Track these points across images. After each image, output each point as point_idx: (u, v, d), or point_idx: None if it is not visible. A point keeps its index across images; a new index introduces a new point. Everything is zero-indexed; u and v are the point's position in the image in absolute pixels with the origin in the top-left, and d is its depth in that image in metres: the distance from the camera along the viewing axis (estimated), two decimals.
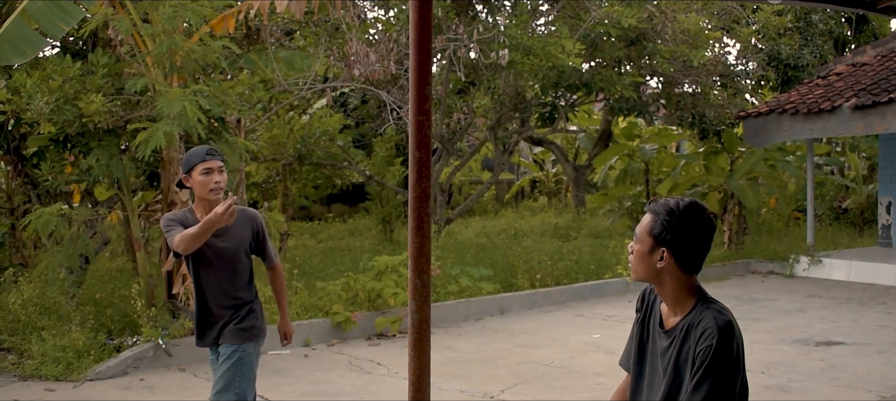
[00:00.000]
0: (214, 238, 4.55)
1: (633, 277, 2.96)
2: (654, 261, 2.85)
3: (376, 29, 14.05)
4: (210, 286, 4.60)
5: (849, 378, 7.60)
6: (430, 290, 2.92)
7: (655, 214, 2.87)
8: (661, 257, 2.84)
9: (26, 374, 7.62)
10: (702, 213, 2.86)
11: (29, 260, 10.59)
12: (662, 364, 2.88)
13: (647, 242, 2.87)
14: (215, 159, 4.51)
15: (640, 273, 2.91)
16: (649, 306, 3.05)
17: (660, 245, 2.84)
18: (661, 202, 2.91)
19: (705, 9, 15.64)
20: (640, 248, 2.89)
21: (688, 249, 2.84)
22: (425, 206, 2.86)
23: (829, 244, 15.70)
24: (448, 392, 7.23)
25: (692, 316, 2.82)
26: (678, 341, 2.82)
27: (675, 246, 2.83)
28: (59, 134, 8.59)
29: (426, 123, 2.85)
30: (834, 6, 6.27)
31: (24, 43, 7.90)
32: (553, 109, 16.23)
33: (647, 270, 2.89)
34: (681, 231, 2.82)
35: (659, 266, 2.85)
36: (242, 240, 4.65)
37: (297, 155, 14.19)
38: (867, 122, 13.06)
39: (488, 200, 24.45)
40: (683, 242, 2.83)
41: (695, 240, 2.84)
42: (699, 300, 2.85)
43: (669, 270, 2.85)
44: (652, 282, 2.92)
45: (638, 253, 2.90)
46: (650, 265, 2.87)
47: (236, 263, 4.63)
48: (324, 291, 9.73)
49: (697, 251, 2.86)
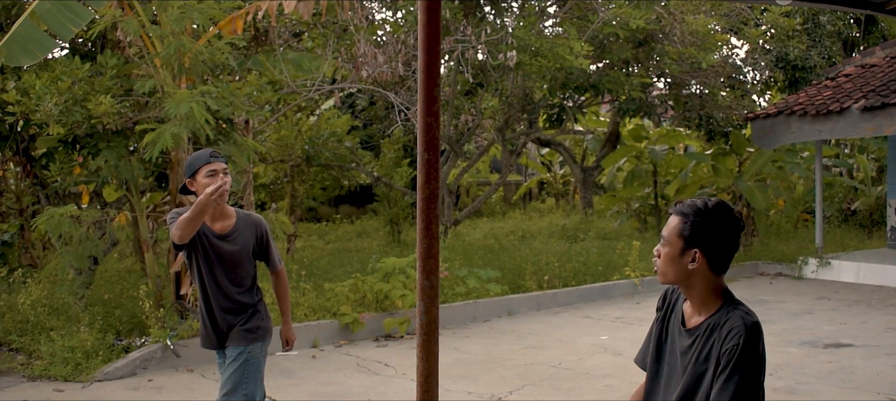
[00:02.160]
0: (218, 241, 4.56)
1: (661, 280, 2.93)
2: (685, 263, 2.83)
3: (384, 30, 14.06)
4: (213, 290, 4.62)
5: (857, 380, 7.57)
6: (439, 291, 2.92)
7: (684, 216, 2.85)
8: (693, 259, 2.82)
9: (35, 374, 7.65)
10: (730, 212, 2.86)
11: (38, 261, 10.63)
12: (682, 363, 2.87)
13: (678, 244, 2.85)
14: (219, 161, 4.52)
15: (669, 276, 2.89)
16: (671, 306, 3.04)
17: (691, 247, 2.82)
18: (687, 203, 2.90)
19: (714, 10, 15.60)
20: (670, 251, 2.87)
21: (718, 250, 2.83)
22: (434, 207, 2.85)
23: (837, 246, 15.64)
24: (456, 393, 7.23)
25: (718, 316, 2.81)
26: (701, 341, 2.81)
27: (706, 247, 2.81)
28: (68, 135, 8.62)
29: (435, 125, 2.84)
30: (842, 7, 6.24)
31: (33, 44, 7.92)
32: (561, 110, 16.21)
33: (677, 273, 2.87)
34: (711, 232, 2.82)
35: (691, 268, 2.83)
36: (246, 244, 4.66)
37: (305, 156, 14.20)
38: (876, 123, 13.02)
39: (496, 201, 24.44)
40: (714, 243, 2.82)
41: (725, 240, 2.83)
42: (726, 302, 2.84)
43: (700, 271, 2.83)
44: (681, 284, 2.90)
45: (667, 256, 2.88)
46: (681, 268, 2.85)
47: (239, 267, 4.64)
48: (332, 292, 9.74)
49: (727, 251, 2.85)
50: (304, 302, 9.48)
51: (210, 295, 4.63)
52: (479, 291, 10.87)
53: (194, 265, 4.63)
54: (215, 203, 4.29)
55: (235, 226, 4.65)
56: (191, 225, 4.32)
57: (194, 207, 4.24)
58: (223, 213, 4.64)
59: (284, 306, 4.99)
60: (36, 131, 9.61)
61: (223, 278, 4.61)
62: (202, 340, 4.78)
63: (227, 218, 4.65)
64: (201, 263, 4.59)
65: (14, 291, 9.16)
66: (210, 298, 4.63)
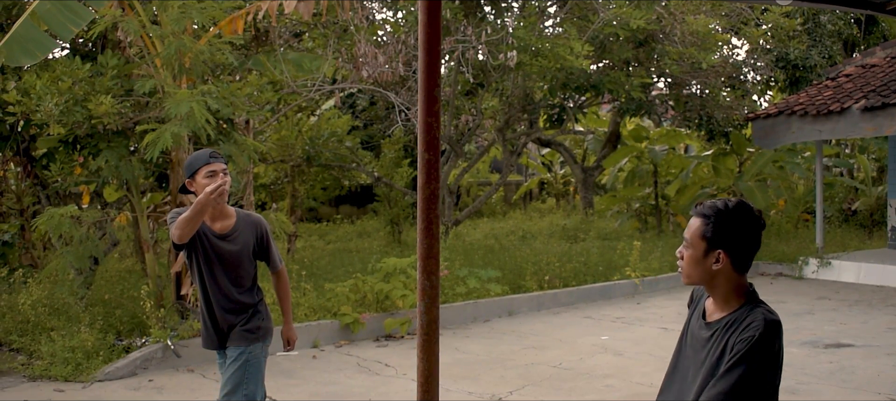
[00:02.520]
0: (219, 241, 4.56)
1: (685, 281, 2.96)
2: (709, 264, 2.86)
3: (385, 30, 14.06)
4: (214, 290, 4.62)
5: (858, 380, 7.57)
6: (439, 291, 2.92)
7: (706, 218, 2.88)
8: (717, 259, 2.85)
9: (36, 374, 7.65)
10: (751, 212, 2.89)
11: (38, 261, 10.63)
12: (701, 356, 2.89)
13: (701, 246, 2.87)
14: (219, 162, 4.52)
15: (694, 277, 2.92)
16: (696, 303, 3.08)
17: (715, 248, 2.85)
18: (708, 205, 2.92)
19: (714, 10, 15.60)
20: (693, 253, 2.90)
21: (741, 249, 2.86)
22: (434, 207, 2.85)
23: (838, 246, 15.63)
24: (456, 394, 7.23)
25: (739, 312, 2.85)
26: (720, 335, 2.83)
27: (729, 247, 2.84)
28: (69, 135, 8.63)
29: (435, 125, 2.84)
30: (843, 7, 6.24)
31: (33, 44, 7.93)
32: (561, 110, 16.21)
33: (701, 274, 2.90)
34: (734, 232, 2.85)
35: (715, 269, 2.86)
36: (246, 244, 4.66)
37: (306, 156, 14.20)
38: (876, 123, 13.02)
39: (496, 201, 24.44)
40: (737, 243, 2.85)
41: (747, 239, 2.87)
42: (748, 300, 2.88)
43: (725, 271, 2.86)
44: (705, 284, 2.93)
45: (691, 258, 2.91)
46: (706, 269, 2.88)
47: (239, 267, 4.64)
48: (332, 292, 9.74)
49: (749, 250, 2.89)
50: (304, 302, 9.48)
51: (210, 295, 4.63)
52: (480, 292, 10.87)
53: (194, 265, 4.63)
54: (215, 202, 4.29)
55: (235, 226, 4.65)
56: (190, 224, 4.32)
57: (194, 206, 4.25)
58: (223, 213, 4.64)
59: (285, 306, 4.99)
60: (36, 131, 9.61)
61: (223, 278, 4.61)
62: (203, 340, 4.78)
63: (228, 218, 4.65)
64: (201, 263, 4.59)
65: (15, 292, 9.16)
66: (210, 298, 4.63)
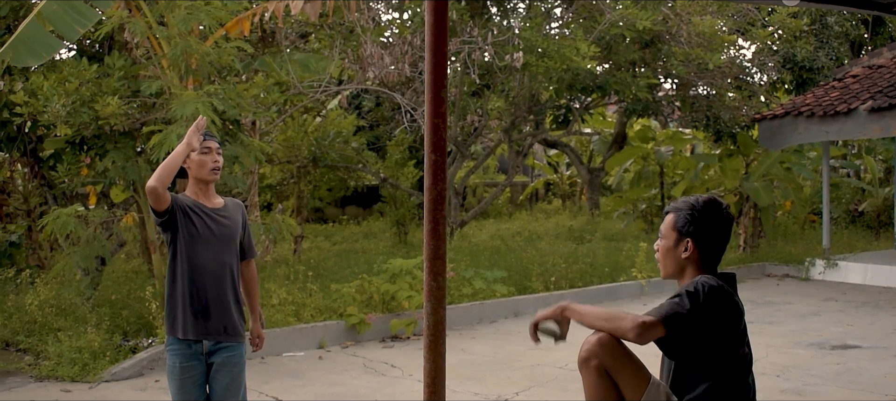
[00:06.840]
0: (215, 214, 4.47)
1: (662, 273, 3.23)
2: (679, 253, 3.11)
3: (391, 31, 14.07)
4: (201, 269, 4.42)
5: (865, 382, 7.55)
6: (446, 292, 2.92)
7: (678, 211, 3.14)
8: (685, 248, 3.10)
9: (42, 375, 7.66)
10: (719, 207, 3.14)
11: (45, 262, 10.67)
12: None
13: (672, 236, 3.14)
14: (212, 140, 4.51)
15: (668, 268, 3.18)
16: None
17: (684, 237, 3.10)
18: (680, 201, 3.18)
19: (720, 11, 15.57)
20: (666, 243, 3.16)
21: (709, 241, 3.09)
22: (441, 208, 2.86)
23: (845, 247, 15.59)
24: (462, 394, 7.23)
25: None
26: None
27: (697, 237, 3.08)
28: (76, 136, 8.64)
29: (442, 126, 2.85)
30: (850, 8, 6.23)
31: (39, 45, 7.94)
32: (567, 111, 16.20)
33: (673, 264, 3.15)
34: (702, 223, 3.08)
35: (683, 257, 3.10)
36: (236, 223, 4.59)
37: (312, 157, 14.21)
38: (883, 124, 12.98)
39: (502, 202, 24.43)
40: (705, 234, 3.08)
41: (715, 232, 3.10)
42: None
43: (692, 261, 3.09)
44: (676, 276, 3.16)
45: (664, 249, 3.17)
46: (676, 258, 3.12)
47: (232, 243, 4.54)
48: (338, 293, 9.73)
49: (717, 243, 3.12)
50: (310, 303, 9.48)
51: (196, 275, 4.42)
52: (486, 293, 10.85)
53: (180, 242, 4.42)
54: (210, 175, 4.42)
55: (226, 204, 4.61)
56: (167, 169, 4.18)
57: (176, 149, 4.26)
58: (213, 195, 4.59)
59: (254, 302, 4.81)
60: (43, 132, 9.64)
61: (214, 256, 4.45)
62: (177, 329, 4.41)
63: (217, 199, 4.61)
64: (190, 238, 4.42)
65: (22, 292, 9.18)
66: (196, 279, 4.41)
